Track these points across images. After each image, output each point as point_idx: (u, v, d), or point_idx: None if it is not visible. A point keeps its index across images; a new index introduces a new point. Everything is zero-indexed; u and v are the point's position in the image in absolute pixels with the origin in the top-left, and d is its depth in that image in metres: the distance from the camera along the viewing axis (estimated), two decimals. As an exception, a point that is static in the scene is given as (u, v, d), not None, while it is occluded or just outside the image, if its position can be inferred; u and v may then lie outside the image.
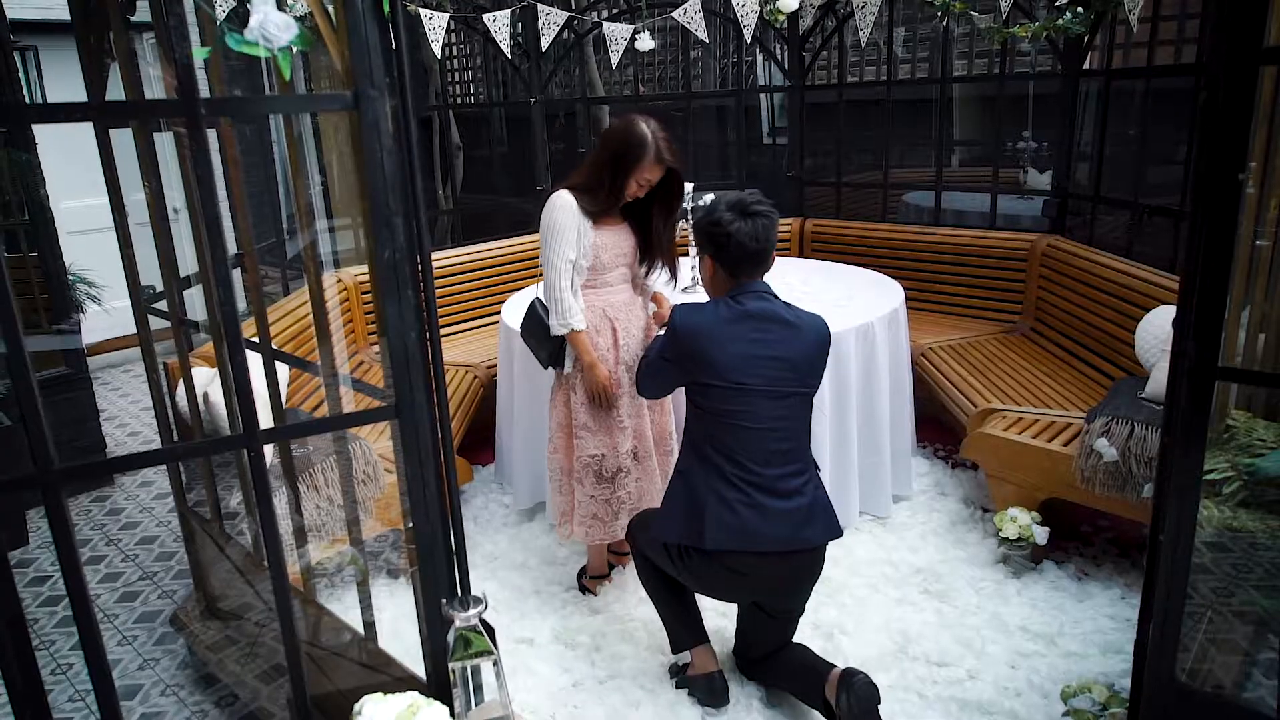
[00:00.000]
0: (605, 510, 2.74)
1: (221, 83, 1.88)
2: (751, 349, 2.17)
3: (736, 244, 2.19)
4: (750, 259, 2.22)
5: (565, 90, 8.22)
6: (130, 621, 3.01)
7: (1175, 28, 5.09)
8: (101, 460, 1.34)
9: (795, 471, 2.21)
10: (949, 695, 2.37)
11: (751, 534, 2.15)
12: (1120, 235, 3.99)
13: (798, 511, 2.18)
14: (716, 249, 2.24)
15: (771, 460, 2.18)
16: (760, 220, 2.20)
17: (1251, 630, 2.11)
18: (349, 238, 4.34)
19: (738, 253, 2.20)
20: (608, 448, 2.69)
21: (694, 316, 2.23)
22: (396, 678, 1.89)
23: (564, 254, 2.54)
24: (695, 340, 2.19)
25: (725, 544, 2.15)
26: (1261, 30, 1.46)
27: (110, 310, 4.96)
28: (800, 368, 2.20)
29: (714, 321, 2.20)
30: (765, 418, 2.17)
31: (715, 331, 2.18)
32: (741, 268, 2.23)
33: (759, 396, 2.16)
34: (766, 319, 2.20)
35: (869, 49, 7.48)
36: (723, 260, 2.24)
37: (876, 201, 5.03)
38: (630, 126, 2.49)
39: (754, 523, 2.15)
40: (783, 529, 2.16)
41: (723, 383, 2.16)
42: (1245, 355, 2.33)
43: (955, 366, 3.67)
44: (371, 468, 2.72)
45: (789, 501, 2.18)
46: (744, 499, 2.16)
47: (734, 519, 2.15)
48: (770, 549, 2.16)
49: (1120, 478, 2.67)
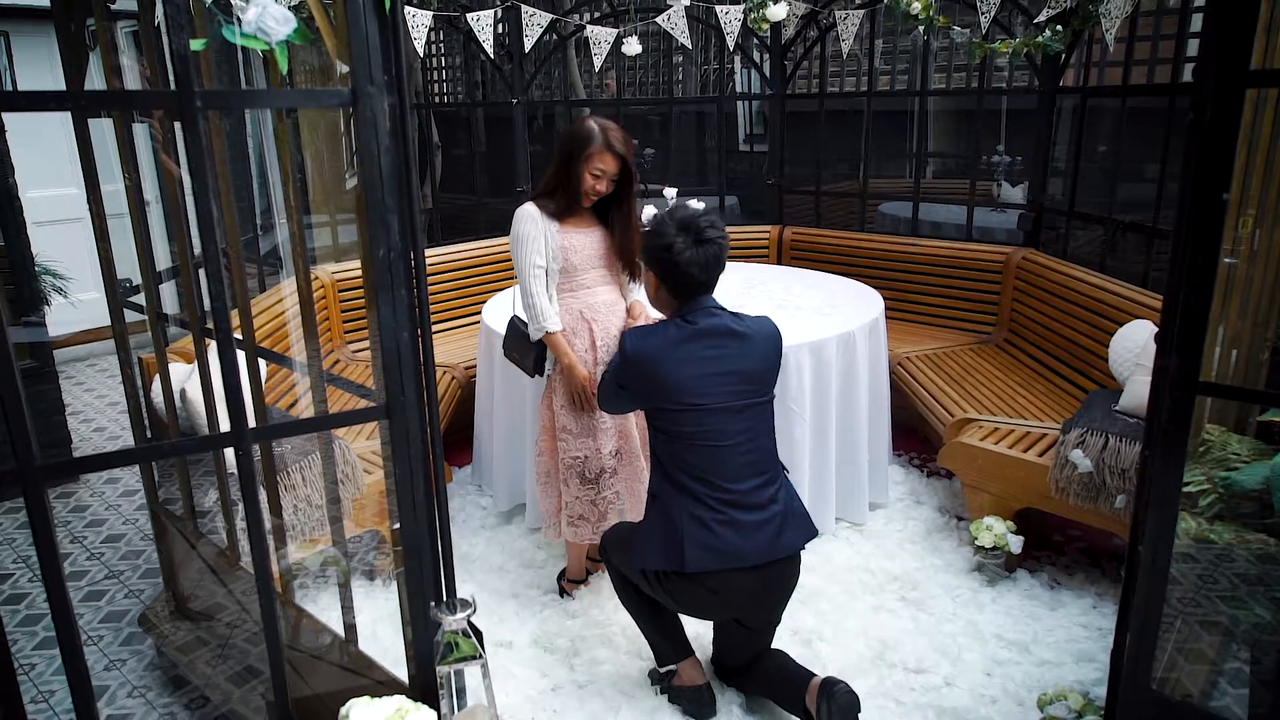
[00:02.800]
0: (592, 511, 2.74)
1: (211, 75, 1.84)
2: (706, 368, 2.14)
3: (685, 273, 2.15)
4: (697, 287, 2.19)
5: (544, 92, 8.20)
6: (95, 621, 2.94)
7: (1150, 48, 5.21)
8: (86, 456, 1.31)
9: (766, 482, 2.19)
10: (926, 702, 2.39)
11: (732, 552, 2.13)
12: (1093, 250, 4.07)
13: (772, 521, 2.17)
14: (663, 273, 2.20)
15: (741, 474, 2.15)
16: (710, 249, 2.15)
17: (1219, 640, 2.15)
18: (325, 234, 4.31)
19: (685, 280, 2.17)
20: (590, 449, 2.69)
21: (644, 341, 2.19)
22: (378, 681, 1.86)
23: (532, 260, 2.58)
24: (647, 365, 2.16)
25: (707, 564, 2.12)
26: (1248, 53, 1.50)
27: (76, 303, 4.87)
28: (756, 378, 2.17)
29: (664, 344, 2.16)
30: (729, 434, 2.14)
31: (666, 355, 2.15)
32: (685, 293, 2.20)
33: (720, 414, 2.13)
34: (718, 334, 2.16)
35: (849, 60, 7.55)
36: (667, 284, 2.21)
37: (853, 210, 5.08)
38: (578, 123, 2.58)
39: (733, 540, 2.13)
40: (761, 541, 2.14)
41: (680, 406, 2.13)
42: (1218, 371, 2.39)
43: (931, 376, 3.71)
44: (350, 468, 2.68)
45: (764, 513, 2.16)
46: (720, 518, 2.13)
47: (713, 539, 2.12)
48: (751, 563, 2.14)
49: (1094, 489, 2.71)
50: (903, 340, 4.12)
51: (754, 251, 5.01)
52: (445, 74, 9.18)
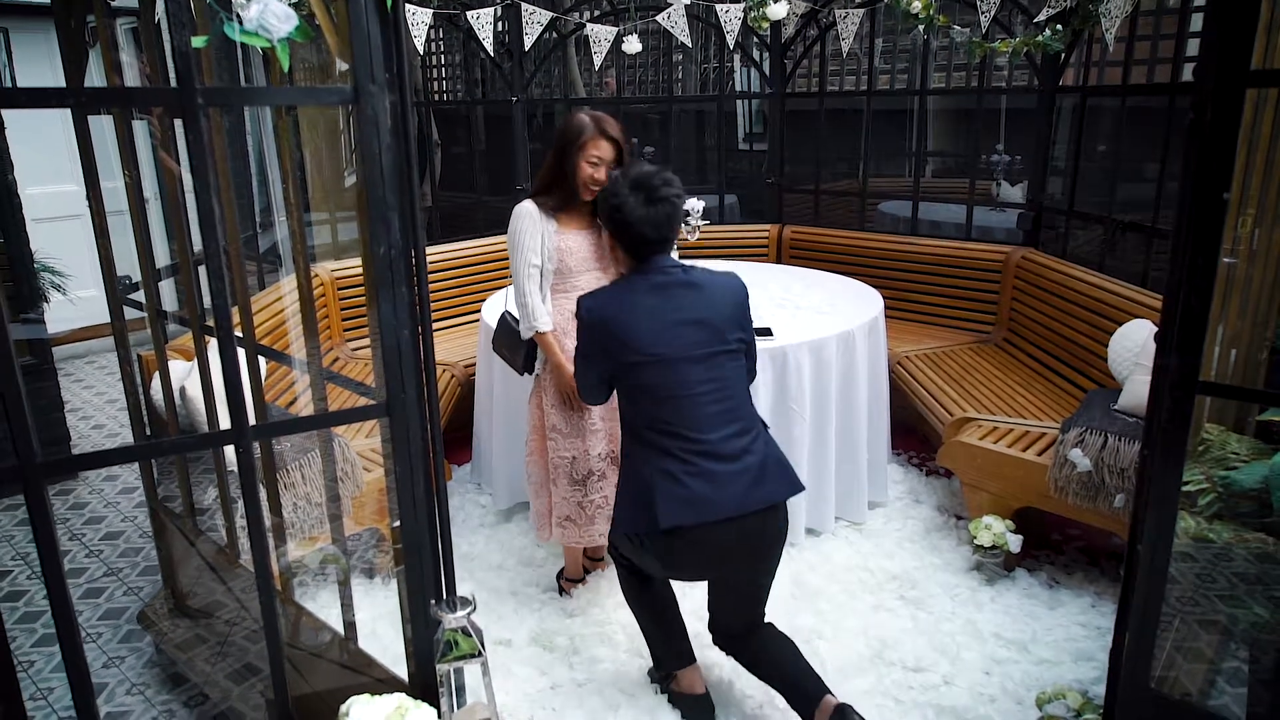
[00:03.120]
0: (579, 513, 2.73)
1: (211, 72, 1.84)
2: (664, 317, 2.09)
3: (637, 232, 2.11)
4: (650, 245, 2.14)
5: (544, 90, 8.19)
6: (94, 619, 2.94)
7: (1150, 48, 5.21)
8: (86, 454, 1.30)
9: (738, 431, 2.11)
10: (925, 700, 2.39)
11: (704, 504, 2.04)
12: (1093, 249, 4.07)
13: (748, 472, 2.08)
14: (616, 231, 2.16)
15: (710, 423, 2.08)
16: (664, 207, 2.10)
17: (1218, 639, 2.16)
18: (324, 232, 4.31)
19: (638, 239, 2.13)
20: (578, 450, 2.69)
21: (599, 299, 2.15)
22: (377, 679, 1.86)
23: (527, 259, 2.58)
24: (605, 323, 2.11)
25: (680, 519, 2.04)
26: (1249, 53, 1.50)
27: (75, 300, 4.86)
28: (718, 327, 2.11)
29: (620, 298, 2.12)
30: (693, 383, 2.08)
31: (623, 308, 2.10)
32: (640, 251, 2.15)
33: (682, 364, 2.07)
34: (674, 286, 2.12)
35: (848, 59, 7.55)
36: (622, 243, 2.17)
37: (853, 209, 5.08)
38: (570, 117, 2.59)
39: (704, 491, 2.04)
40: (735, 492, 2.06)
41: (641, 357, 2.07)
42: (1218, 371, 2.39)
43: (930, 375, 3.71)
44: (350, 465, 2.68)
45: (737, 463, 2.08)
46: (689, 469, 2.05)
47: (683, 491, 2.04)
48: (726, 515, 2.05)
49: (1093, 488, 2.71)
50: (902, 339, 4.12)
51: (753, 250, 5.01)
52: (445, 72, 9.18)
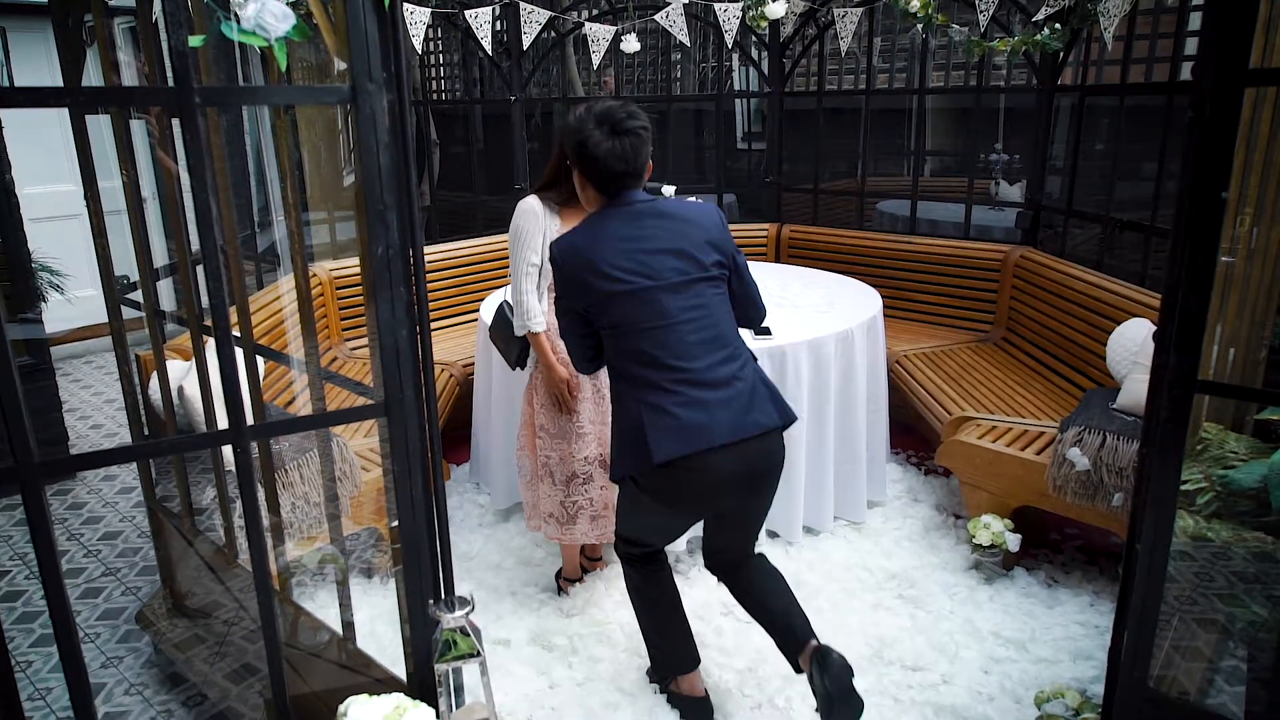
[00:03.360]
0: (561, 512, 2.74)
1: (208, 71, 1.84)
2: (638, 246, 2.04)
3: (604, 165, 2.05)
4: (617, 179, 2.08)
5: (543, 89, 8.19)
6: (93, 618, 2.93)
7: (1148, 47, 5.21)
8: (84, 454, 1.30)
9: (725, 358, 2.07)
10: (924, 700, 2.39)
11: (696, 432, 2.00)
12: (1091, 248, 4.07)
13: (739, 398, 2.05)
14: (584, 167, 2.11)
15: (694, 351, 2.04)
16: (629, 139, 2.05)
17: (1216, 638, 2.16)
18: (323, 231, 4.31)
19: (605, 173, 2.07)
20: (563, 452, 2.69)
21: (569, 236, 2.11)
22: (376, 679, 1.86)
23: (527, 258, 2.56)
24: (577, 258, 2.05)
25: (674, 451, 1.99)
26: (1247, 52, 1.50)
27: (73, 300, 4.86)
28: (695, 255, 2.07)
29: (591, 232, 2.08)
30: (673, 312, 2.03)
31: (596, 240, 2.06)
32: (610, 186, 2.10)
33: (660, 293, 2.03)
34: (647, 216, 2.08)
35: (847, 58, 7.55)
36: (590, 178, 2.12)
37: (851, 208, 5.08)
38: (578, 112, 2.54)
39: (696, 419, 2.00)
40: (726, 418, 2.02)
41: (617, 287, 2.02)
42: (1216, 370, 2.40)
43: (929, 374, 3.71)
44: (348, 465, 2.68)
45: (727, 389, 2.04)
46: (678, 399, 2.01)
47: (674, 422, 2.00)
48: (720, 442, 2.00)
49: (1091, 487, 2.71)
50: (901, 338, 4.12)
51: (752, 250, 5.01)
52: (443, 71, 9.17)
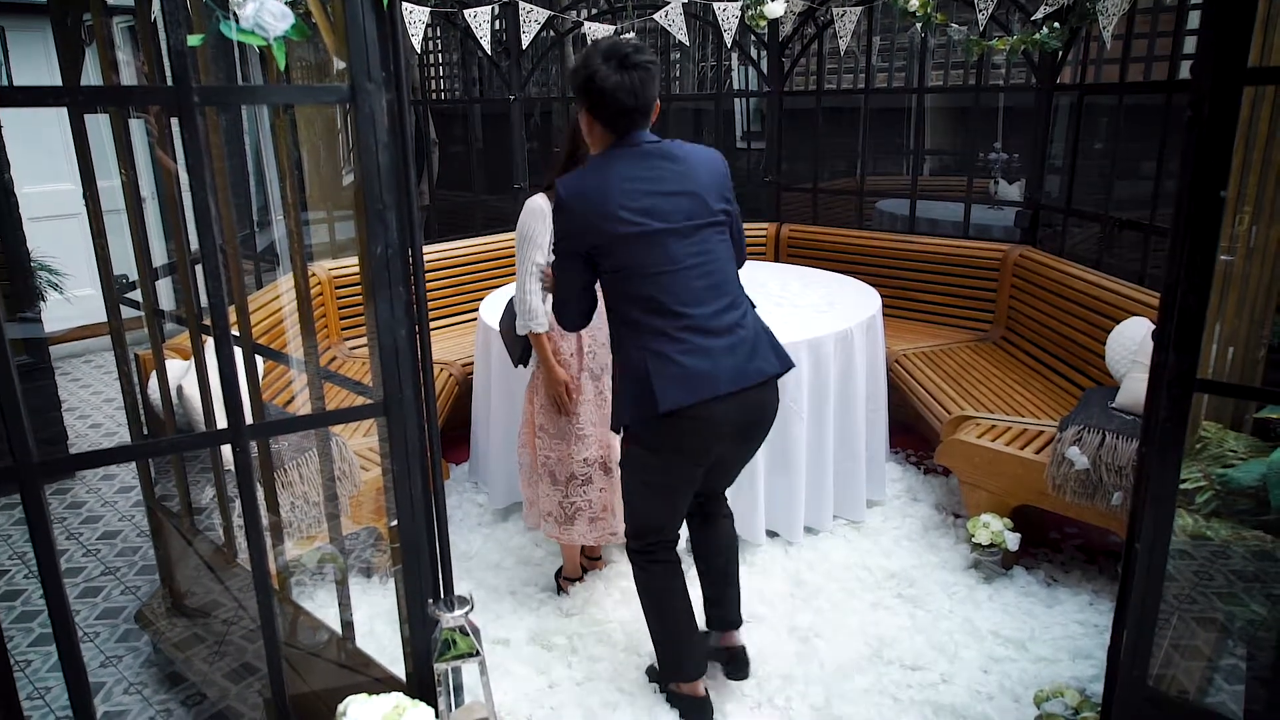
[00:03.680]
0: (560, 512, 2.75)
1: (207, 71, 1.84)
2: (646, 187, 2.03)
3: (612, 99, 2.02)
4: (627, 115, 2.05)
5: (542, 88, 8.18)
6: (92, 618, 2.93)
7: (1147, 45, 5.21)
8: (83, 453, 1.30)
9: (727, 306, 2.09)
10: (923, 699, 2.39)
11: (700, 380, 2.02)
12: (1090, 247, 4.07)
13: (742, 345, 2.08)
14: (591, 103, 2.06)
15: (699, 298, 2.04)
16: (637, 74, 2.01)
17: (1215, 637, 2.16)
18: (322, 231, 4.30)
19: (614, 108, 2.03)
20: (562, 453, 2.70)
21: (577, 175, 2.08)
22: (375, 678, 1.86)
23: (532, 258, 2.55)
24: (587, 200, 2.03)
25: (679, 400, 2.00)
26: (1246, 51, 1.50)
27: (72, 299, 4.85)
28: (702, 198, 2.07)
29: (599, 171, 2.06)
30: (680, 257, 2.03)
31: (604, 179, 2.03)
32: (619, 123, 2.07)
33: (668, 237, 2.03)
34: (655, 157, 2.06)
35: (846, 57, 7.55)
36: (599, 115, 2.08)
37: (851, 208, 5.08)
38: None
39: (700, 367, 2.02)
40: (730, 365, 2.04)
41: (625, 227, 2.00)
42: (1215, 368, 2.40)
43: (928, 373, 3.71)
44: (347, 465, 2.68)
45: (730, 337, 2.06)
46: (683, 347, 2.02)
47: (679, 370, 2.01)
48: (724, 390, 2.03)
49: (1090, 486, 2.72)
50: (900, 338, 4.12)
51: (751, 249, 4.97)
52: (442, 70, 9.16)
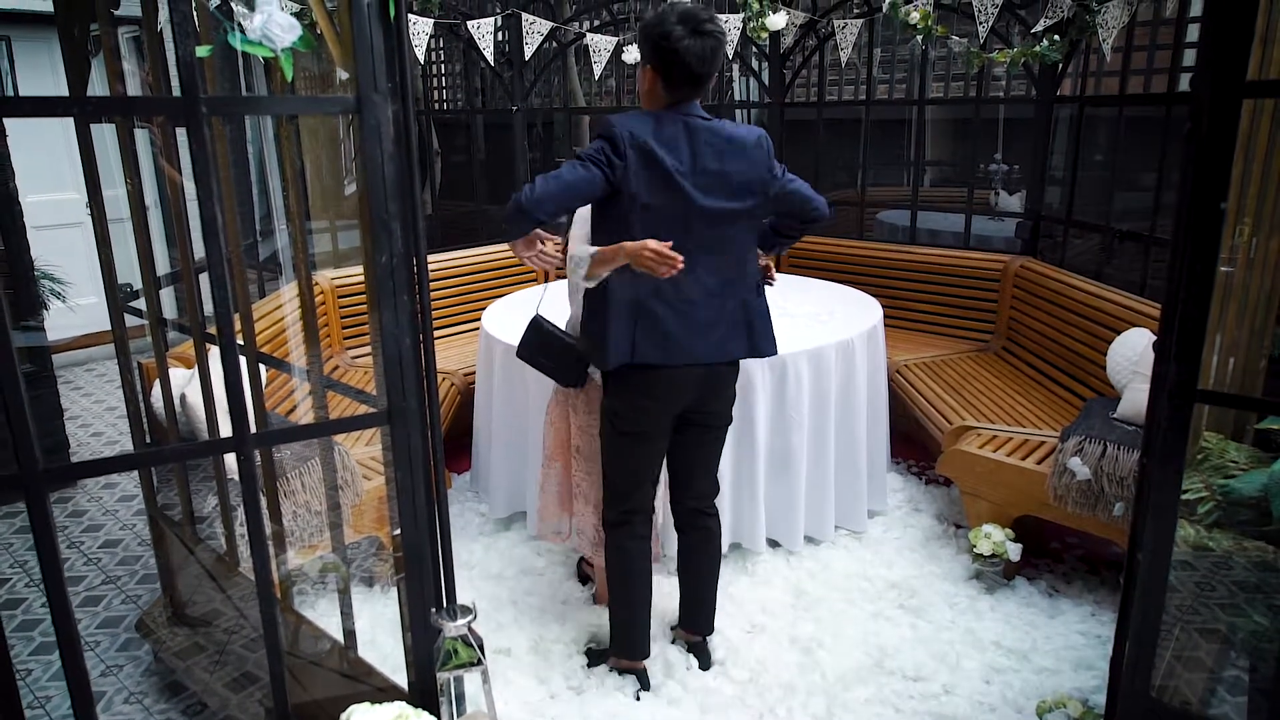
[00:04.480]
0: (595, 535, 2.72)
1: (213, 81, 1.85)
2: (698, 159, 2.09)
3: (682, 63, 2.06)
4: (692, 80, 2.09)
5: (544, 99, 8.21)
6: (93, 627, 2.93)
7: (1146, 58, 5.23)
8: (88, 461, 1.31)
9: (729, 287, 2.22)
10: (925, 710, 2.39)
11: (677, 347, 2.17)
12: (1091, 258, 4.08)
13: (725, 324, 2.23)
14: (660, 62, 2.09)
15: (702, 280, 2.17)
16: (710, 41, 2.07)
17: (1218, 648, 2.16)
18: (325, 240, 4.32)
19: (682, 72, 2.07)
20: (596, 477, 2.67)
21: (637, 122, 2.09)
22: (377, 687, 1.86)
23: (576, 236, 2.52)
24: (644, 142, 2.06)
25: (652, 358, 2.16)
26: (1245, 64, 1.51)
27: (75, 307, 4.86)
28: (738, 188, 2.14)
29: (659, 128, 2.09)
30: (696, 236, 2.12)
31: (661, 137, 2.07)
32: (682, 89, 2.11)
33: (693, 214, 2.11)
34: (702, 132, 2.11)
35: (847, 69, 7.58)
36: (664, 76, 2.11)
37: (851, 218, 5.09)
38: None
39: (679, 336, 2.17)
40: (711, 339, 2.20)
41: (665, 170, 2.06)
42: (1216, 379, 2.40)
43: (929, 384, 3.72)
44: (350, 474, 2.68)
45: (718, 313, 2.21)
46: (672, 311, 2.16)
47: (662, 331, 2.16)
48: (696, 360, 2.21)
49: (1092, 496, 2.72)
50: (901, 348, 4.13)
51: (752, 259, 5.01)
52: (445, 81, 9.20)
